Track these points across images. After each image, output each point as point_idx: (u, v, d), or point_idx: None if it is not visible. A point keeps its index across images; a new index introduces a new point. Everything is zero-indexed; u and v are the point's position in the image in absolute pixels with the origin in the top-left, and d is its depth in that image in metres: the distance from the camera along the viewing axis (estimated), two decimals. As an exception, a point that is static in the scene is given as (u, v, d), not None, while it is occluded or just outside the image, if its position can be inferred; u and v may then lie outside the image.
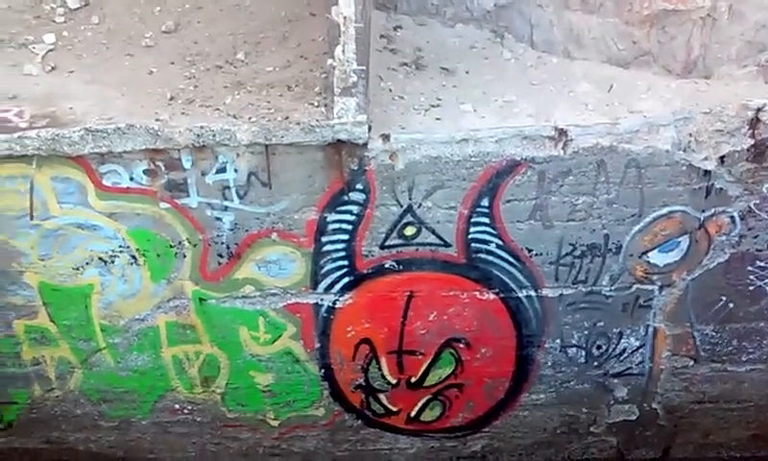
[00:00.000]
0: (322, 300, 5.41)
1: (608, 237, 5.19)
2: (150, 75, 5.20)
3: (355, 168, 4.79)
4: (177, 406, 5.99)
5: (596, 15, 5.40)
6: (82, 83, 5.10)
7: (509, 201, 4.97)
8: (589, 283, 5.41)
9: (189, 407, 6.00)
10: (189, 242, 5.14)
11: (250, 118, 4.65)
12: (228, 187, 4.90)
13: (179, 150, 4.71)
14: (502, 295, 5.42)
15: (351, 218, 5.03)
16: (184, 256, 5.21)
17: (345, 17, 4.24)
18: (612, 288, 5.44)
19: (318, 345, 5.64)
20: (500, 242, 5.15)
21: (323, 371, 5.78)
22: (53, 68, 5.23)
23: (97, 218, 5.01)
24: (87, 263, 5.22)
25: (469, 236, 5.13)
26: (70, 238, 5.10)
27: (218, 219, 5.04)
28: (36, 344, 5.62)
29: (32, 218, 4.98)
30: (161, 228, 5.07)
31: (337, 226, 5.07)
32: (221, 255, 5.21)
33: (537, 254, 5.23)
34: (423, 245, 5.16)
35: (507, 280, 5.35)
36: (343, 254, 5.20)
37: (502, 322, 5.56)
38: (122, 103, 4.87)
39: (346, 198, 4.94)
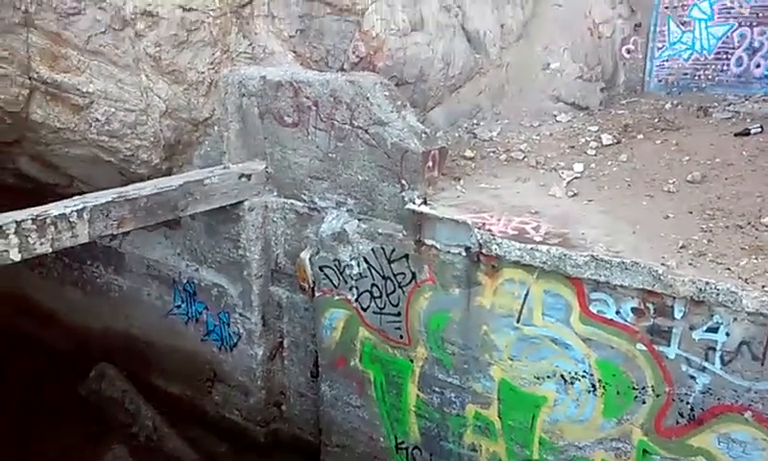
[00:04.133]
0: (782, 505, 4.69)
1: None
2: (665, 219, 5.30)
3: None
4: None
5: None
6: (597, 212, 5.46)
7: None
8: None
9: None
10: (654, 391, 4.97)
11: (763, 286, 4.35)
12: (714, 349, 4.63)
13: (674, 298, 4.64)
14: None
15: None
16: (644, 403, 5.05)
17: None
18: None
19: None
20: None
21: None
22: (575, 194, 5.70)
23: (572, 339, 5.20)
24: (549, 377, 5.43)
25: None
26: (542, 349, 5.39)
27: (692, 377, 4.78)
28: (479, 432, 6.00)
29: (517, 321, 5.41)
30: (630, 367, 5.02)
31: (830, 430, 4.38)
32: (681, 415, 4.91)
33: None
34: None
35: None
36: (827, 467, 4.46)
37: None
38: (631, 239, 5.03)
39: None
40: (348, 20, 6.81)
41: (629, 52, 8.45)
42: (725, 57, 8.23)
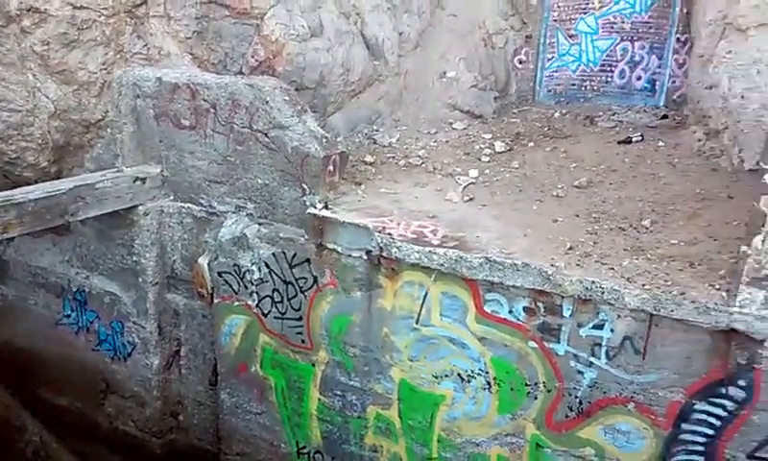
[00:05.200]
0: (663, 489, 5.01)
1: None
2: (554, 223, 5.56)
3: (743, 363, 4.44)
4: None
5: None
6: (491, 216, 5.67)
7: None
8: None
9: None
10: (545, 386, 5.20)
11: (643, 285, 4.65)
12: (600, 345, 4.90)
13: (563, 297, 4.88)
14: None
15: (723, 414, 4.64)
16: (536, 398, 5.27)
17: (775, 209, 4.08)
18: None
19: None
20: None
21: None
22: (470, 199, 5.89)
23: (468, 338, 5.36)
24: (447, 376, 5.58)
25: None
26: (440, 349, 5.52)
27: (580, 372, 5.03)
28: (380, 433, 6.09)
29: (416, 322, 5.52)
30: (523, 364, 5.23)
31: (704, 417, 4.71)
32: (571, 408, 5.17)
33: None
34: (802, 471, 4.52)
35: None
36: (701, 448, 4.78)
37: None
38: (523, 242, 5.26)
39: (723, 391, 4.58)
40: (247, 23, 6.76)
41: (521, 62, 8.79)
42: (609, 69, 8.69)
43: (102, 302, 7.17)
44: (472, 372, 5.46)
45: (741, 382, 4.51)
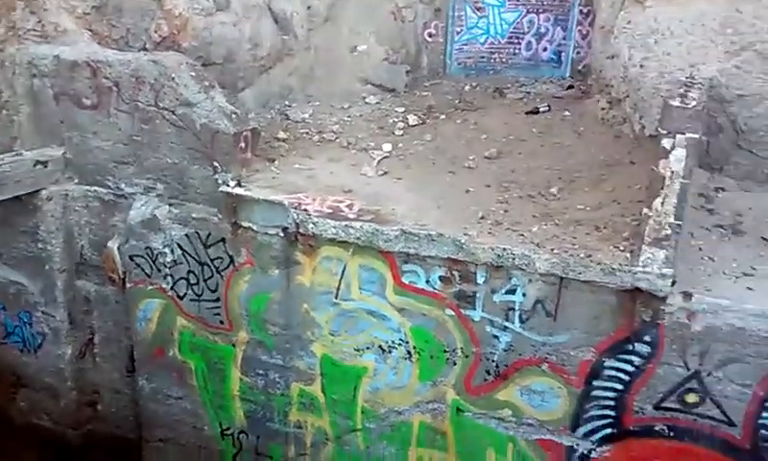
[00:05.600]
0: (577, 444, 5.25)
1: None
2: (466, 193, 5.67)
3: (647, 319, 4.69)
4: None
5: None
6: (406, 189, 5.73)
7: (819, 395, 4.49)
8: None
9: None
10: (463, 352, 5.34)
11: (552, 249, 4.81)
12: (513, 309, 5.06)
13: (476, 265, 5.00)
14: (788, 500, 4.82)
15: (630, 369, 4.89)
16: (454, 364, 5.41)
17: (672, 172, 4.29)
18: None
19: (562, 491, 5.43)
20: (798, 437, 4.63)
21: (562, 518, 5.52)
22: (385, 173, 5.92)
23: (388, 310, 5.43)
24: (368, 348, 5.64)
25: (760, 422, 4.69)
26: (360, 322, 5.57)
27: (495, 337, 5.19)
28: (304, 409, 6.11)
29: (336, 297, 5.54)
30: (441, 332, 5.35)
31: (613, 373, 4.95)
32: (488, 372, 5.33)
33: (840, 464, 4.61)
34: (703, 417, 4.82)
35: (799, 484, 4.75)
36: (612, 403, 5.03)
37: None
38: (437, 213, 5.35)
39: (629, 347, 4.83)
40: (149, -2, 6.53)
41: (430, 36, 8.83)
42: (516, 41, 8.87)
43: (7, 292, 6.82)
44: (393, 342, 5.53)
45: (646, 338, 4.75)
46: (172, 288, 6.15)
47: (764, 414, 4.67)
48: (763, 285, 4.64)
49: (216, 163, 5.72)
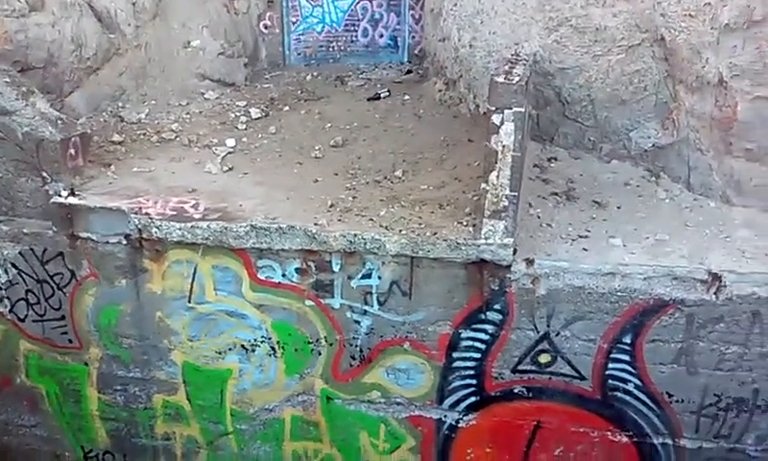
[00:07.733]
0: (445, 416, 5.43)
1: (757, 392, 4.93)
2: (315, 183, 5.66)
3: (495, 288, 4.90)
4: (290, 503, 6.06)
5: (760, 163, 5.25)
6: (253, 184, 5.63)
7: (653, 341, 4.89)
8: (733, 439, 5.11)
9: (301, 505, 6.04)
10: (326, 341, 5.35)
11: (400, 231, 4.92)
12: (371, 293, 5.13)
13: (330, 253, 5.02)
14: (636, 439, 5.23)
15: (485, 338, 5.10)
16: (320, 354, 5.42)
17: (504, 146, 4.50)
18: (759, 449, 5.11)
19: (435, 462, 5.60)
20: (639, 383, 5.03)
21: (437, 489, 5.70)
22: (230, 169, 5.78)
23: (247, 308, 5.34)
24: (230, 349, 5.52)
25: (607, 372, 5.04)
26: (219, 323, 5.44)
27: (356, 322, 5.25)
28: (170, 420, 5.92)
29: (189, 301, 5.36)
30: (303, 324, 5.33)
31: (470, 343, 5.15)
32: (353, 358, 5.38)
33: (677, 401, 5.04)
34: (557, 375, 5.12)
35: (642, 424, 5.17)
36: (472, 372, 5.24)
37: (633, 468, 5.33)
38: (286, 206, 5.30)
39: (482, 317, 5.03)
40: (-48, 1, 5.94)
41: (266, 27, 8.71)
42: (353, 28, 8.94)
43: None
44: (255, 340, 5.45)
45: (497, 306, 4.97)
46: (11, 311, 5.72)
47: (609, 365, 5.01)
48: (597, 245, 4.97)
49: (45, 173, 5.34)
